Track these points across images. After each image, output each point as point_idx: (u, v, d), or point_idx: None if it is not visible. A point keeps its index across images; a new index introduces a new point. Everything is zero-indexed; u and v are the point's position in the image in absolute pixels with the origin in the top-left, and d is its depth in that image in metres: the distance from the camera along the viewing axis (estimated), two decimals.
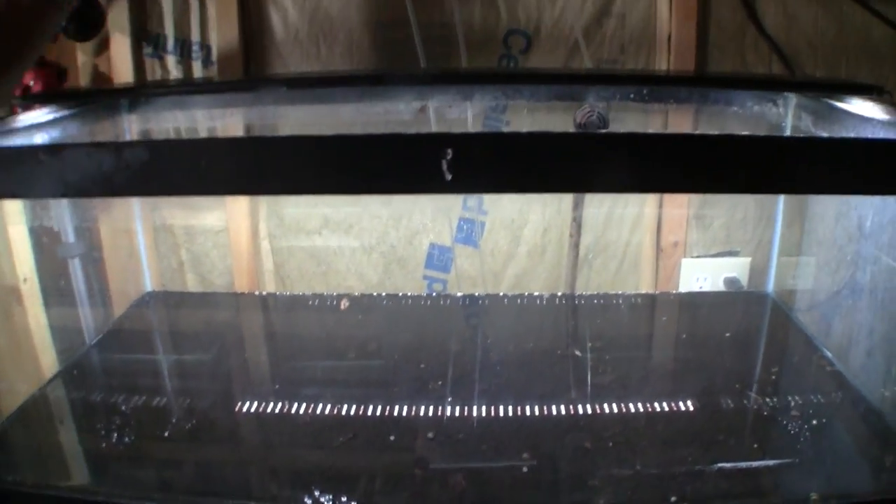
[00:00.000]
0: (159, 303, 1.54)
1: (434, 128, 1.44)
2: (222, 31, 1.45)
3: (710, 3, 1.49)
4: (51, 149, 0.76)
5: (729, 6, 1.50)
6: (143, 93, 1.33)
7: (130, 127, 1.29)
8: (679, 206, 1.51)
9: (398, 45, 1.46)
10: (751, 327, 1.45)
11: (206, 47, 1.48)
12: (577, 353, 1.34)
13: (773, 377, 1.30)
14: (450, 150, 0.74)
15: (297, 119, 1.34)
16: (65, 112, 1.12)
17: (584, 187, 1.12)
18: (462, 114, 1.28)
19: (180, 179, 0.77)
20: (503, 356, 1.34)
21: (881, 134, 1.18)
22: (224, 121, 1.35)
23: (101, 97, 1.30)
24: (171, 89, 1.38)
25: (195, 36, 1.47)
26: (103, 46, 1.47)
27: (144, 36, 1.47)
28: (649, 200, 1.52)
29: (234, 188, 0.90)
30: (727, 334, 1.40)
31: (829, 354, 1.34)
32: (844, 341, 1.35)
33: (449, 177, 0.75)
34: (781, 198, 1.51)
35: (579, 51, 1.46)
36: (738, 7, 1.50)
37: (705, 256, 1.54)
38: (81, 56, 1.47)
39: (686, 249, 1.54)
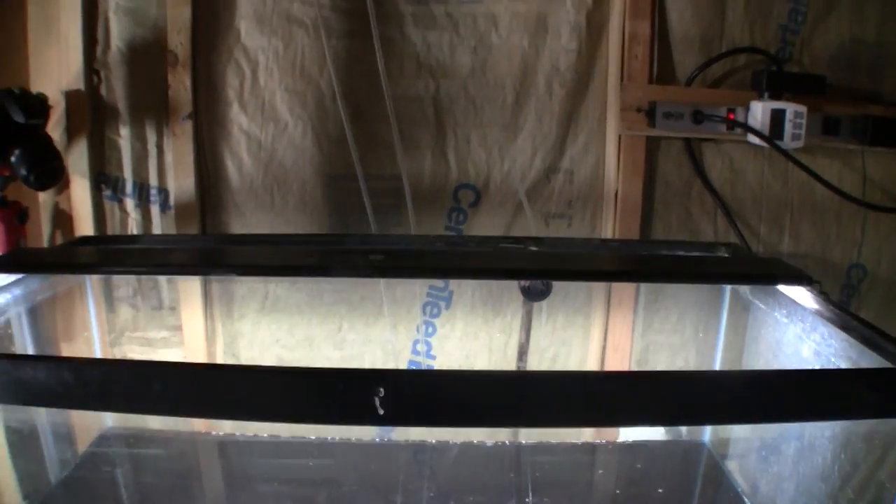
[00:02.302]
0: (119, 441, 1.53)
1: (385, 304, 1.46)
2: (179, 178, 1.44)
3: (658, 160, 1.48)
4: None
5: (676, 162, 1.49)
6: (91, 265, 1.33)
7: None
8: (622, 351, 1.52)
9: (350, 196, 1.44)
10: (684, 482, 1.46)
11: (163, 192, 1.47)
12: None
13: None
14: (382, 389, 0.75)
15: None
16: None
17: (522, 422, 1.10)
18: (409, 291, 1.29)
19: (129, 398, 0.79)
20: None
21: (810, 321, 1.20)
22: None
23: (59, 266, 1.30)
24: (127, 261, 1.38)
25: (153, 181, 1.46)
26: (64, 185, 1.47)
27: (104, 179, 1.46)
28: (593, 346, 1.52)
29: (183, 411, 0.91)
30: (660, 490, 1.41)
31: None
32: (768, 501, 1.36)
33: (381, 412, 0.76)
34: (720, 347, 1.51)
35: (529, 203, 1.46)
36: (686, 163, 1.49)
37: None
38: (42, 195, 1.47)
39: None
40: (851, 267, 1.57)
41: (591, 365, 1.52)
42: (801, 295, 1.23)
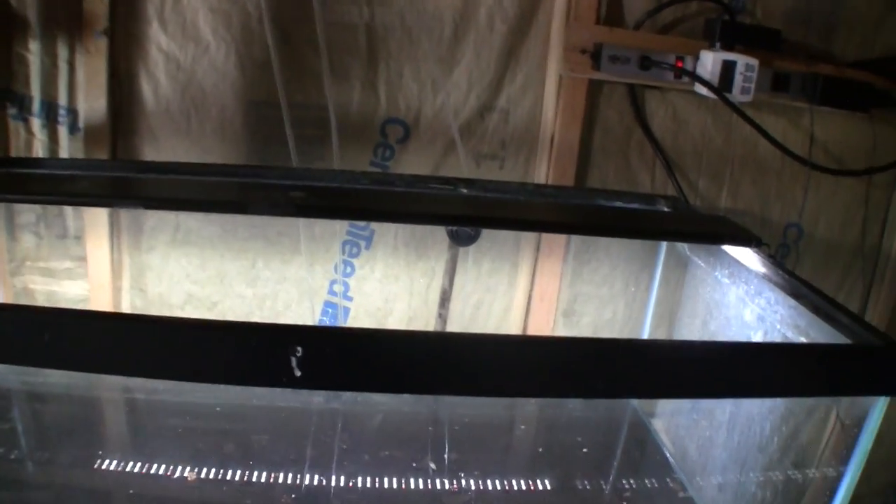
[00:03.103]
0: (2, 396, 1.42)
1: (302, 241, 1.37)
2: (90, 98, 1.32)
3: (598, 105, 1.40)
4: None
5: (617, 108, 1.40)
6: None
7: None
8: (548, 301, 1.44)
9: (272, 125, 1.33)
10: (609, 441, 1.39)
11: (73, 112, 1.35)
12: (432, 465, 1.28)
13: (624, 502, 1.25)
14: (299, 348, 0.68)
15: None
16: None
17: (445, 389, 1.00)
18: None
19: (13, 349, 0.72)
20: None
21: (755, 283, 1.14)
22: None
23: None
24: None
25: (62, 100, 1.34)
26: None
27: (9, 96, 1.33)
28: (518, 294, 1.44)
29: (75, 365, 0.78)
30: (584, 450, 1.35)
31: (682, 477, 1.29)
32: (698, 468, 1.30)
33: (298, 373, 0.68)
34: (652, 302, 1.45)
35: (461, 142, 1.37)
36: (627, 110, 1.41)
37: None
38: None
39: None
40: (788, 226, 1.51)
41: (516, 314, 1.45)
42: (746, 256, 1.17)
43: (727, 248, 1.21)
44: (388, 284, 1.41)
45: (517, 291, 1.43)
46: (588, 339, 1.08)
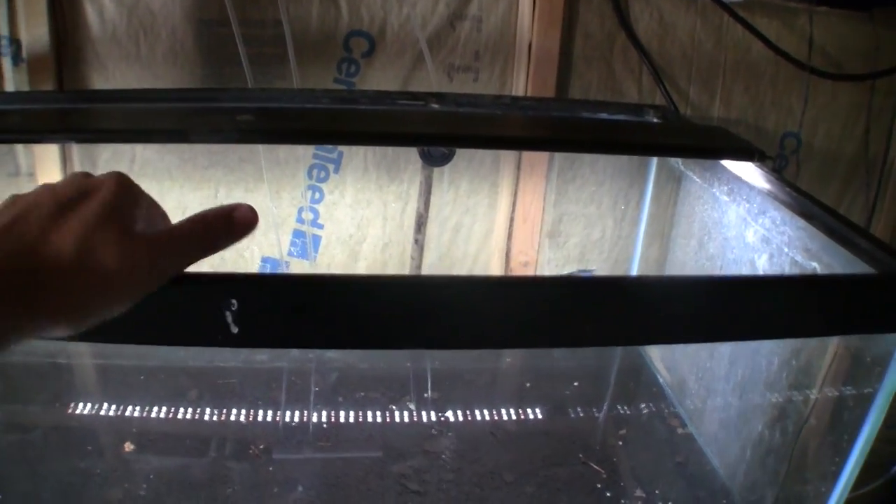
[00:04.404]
0: None
1: (265, 168, 1.25)
2: (31, 26, 1.20)
3: (578, 9, 1.26)
4: None
5: (598, 12, 1.27)
6: None
7: None
8: (531, 222, 1.33)
9: (225, 45, 1.21)
10: (600, 371, 1.29)
11: (15, 42, 1.22)
12: (411, 406, 1.19)
13: (619, 441, 1.16)
14: (234, 301, 0.57)
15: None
16: None
17: (421, 343, 0.84)
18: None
19: None
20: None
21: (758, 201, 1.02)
22: None
23: None
24: None
25: (3, 30, 1.21)
26: None
27: None
28: (500, 216, 1.32)
29: None
30: (575, 383, 1.24)
31: (681, 412, 1.19)
32: (697, 401, 1.20)
33: (235, 329, 0.58)
34: (643, 221, 1.33)
35: (430, 54, 1.25)
36: (609, 13, 1.27)
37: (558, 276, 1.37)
38: None
39: (537, 268, 1.36)
40: (785, 136, 1.38)
41: (498, 236, 1.33)
42: (746, 170, 1.04)
43: (726, 161, 1.09)
44: (360, 209, 1.29)
45: (498, 213, 1.31)
46: (576, 280, 0.95)
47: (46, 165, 1.25)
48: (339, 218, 1.29)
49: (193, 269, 0.55)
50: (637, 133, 1.16)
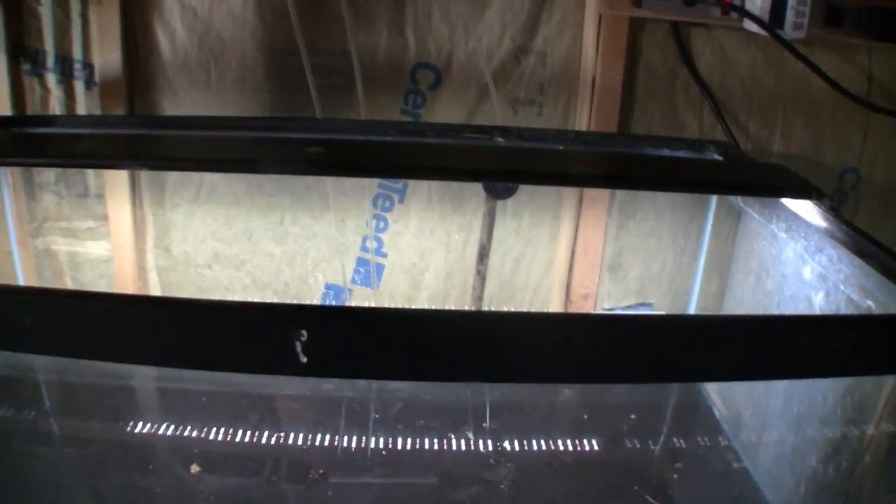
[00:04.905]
0: None
1: (331, 195, 1.26)
2: (105, 51, 1.22)
3: (641, 44, 1.27)
4: None
5: (660, 47, 1.27)
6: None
7: None
8: (592, 255, 1.33)
9: (295, 74, 1.22)
10: (657, 404, 1.29)
11: (88, 66, 1.24)
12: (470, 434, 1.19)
13: (675, 475, 1.15)
14: (304, 332, 0.58)
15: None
16: None
17: (485, 376, 0.84)
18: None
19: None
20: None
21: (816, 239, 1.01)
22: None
23: None
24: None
25: (77, 54, 1.23)
26: None
27: (22, 52, 1.23)
28: (561, 248, 1.33)
29: (64, 349, 0.68)
30: (632, 416, 1.24)
31: (736, 445, 1.18)
32: (753, 435, 1.19)
33: (304, 359, 0.59)
34: (703, 256, 1.33)
35: (495, 87, 1.25)
36: (671, 48, 1.27)
37: (617, 309, 1.37)
38: None
39: (597, 301, 1.36)
40: (845, 171, 1.37)
41: (559, 269, 1.33)
42: (805, 208, 1.04)
43: (785, 199, 1.09)
44: (423, 239, 1.30)
45: (559, 245, 1.31)
46: (635, 318, 0.96)
47: (116, 188, 1.27)
48: (403, 247, 1.30)
49: (264, 299, 0.57)
50: (698, 171, 1.16)
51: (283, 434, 1.18)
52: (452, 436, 1.19)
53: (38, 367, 1.28)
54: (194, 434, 1.16)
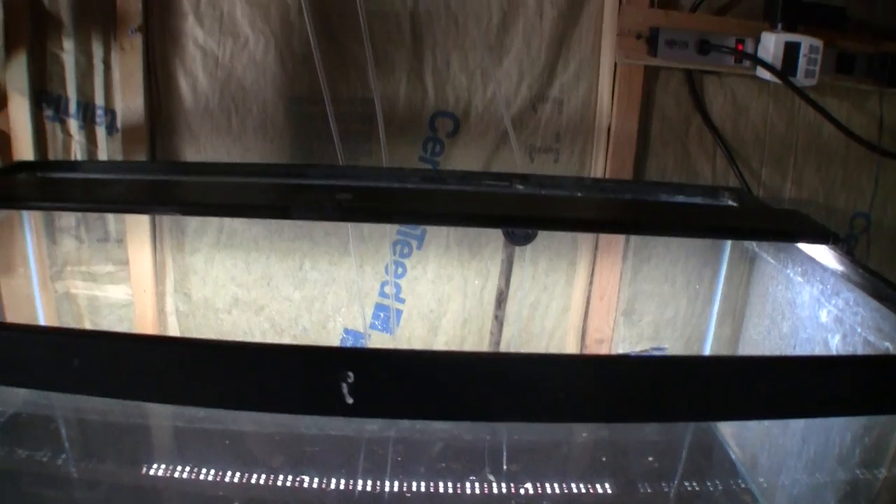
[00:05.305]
0: (38, 421, 1.31)
1: (351, 241, 1.27)
2: (127, 97, 1.22)
3: (655, 92, 1.28)
4: None
5: (674, 95, 1.29)
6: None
7: None
8: (608, 300, 1.34)
9: (316, 121, 1.23)
10: (671, 446, 1.29)
11: (110, 112, 1.25)
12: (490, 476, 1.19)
13: None
14: (350, 374, 0.59)
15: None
16: None
17: (514, 416, 0.88)
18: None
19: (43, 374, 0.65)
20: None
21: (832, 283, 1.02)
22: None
23: None
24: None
25: (99, 100, 1.24)
26: (1, 104, 1.26)
27: (45, 97, 1.24)
28: (576, 294, 1.33)
29: (112, 391, 0.70)
30: (649, 458, 1.24)
31: (753, 488, 1.18)
32: (770, 477, 1.19)
33: (350, 400, 0.60)
34: (717, 300, 1.33)
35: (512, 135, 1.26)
36: (685, 96, 1.29)
37: (632, 353, 1.37)
38: None
39: (612, 345, 1.36)
40: (855, 215, 1.39)
41: (575, 314, 1.34)
42: (820, 252, 1.05)
43: (801, 244, 1.10)
44: (441, 285, 1.31)
45: (575, 290, 1.32)
46: (651, 359, 0.98)
47: (136, 232, 1.27)
48: (421, 293, 1.31)
49: (308, 341, 0.58)
50: (713, 217, 1.17)
51: (302, 477, 1.17)
52: (473, 478, 1.19)
53: (57, 406, 1.28)
54: (216, 478, 1.16)
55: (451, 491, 1.16)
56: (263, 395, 0.63)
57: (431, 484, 1.17)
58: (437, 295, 1.31)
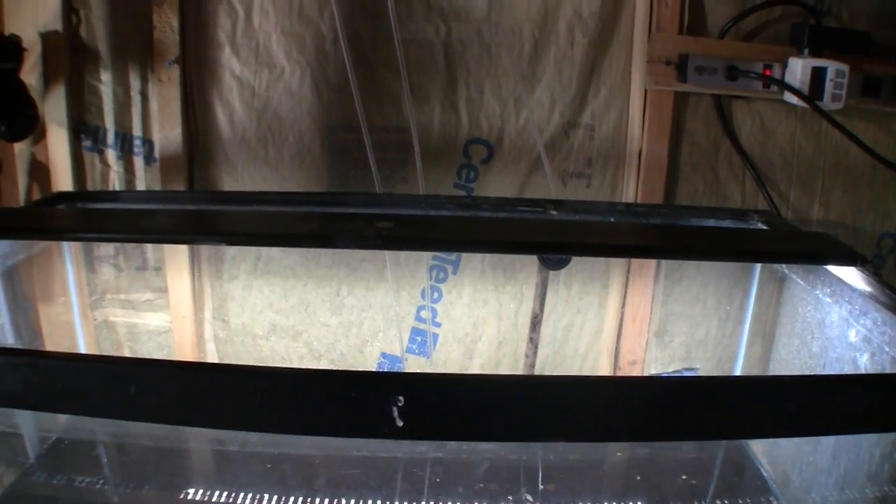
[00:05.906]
0: (80, 447, 1.31)
1: (387, 267, 1.28)
2: (164, 128, 1.24)
3: (685, 117, 1.29)
4: None
5: (704, 120, 1.30)
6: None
7: None
8: (640, 322, 1.34)
9: (352, 149, 1.25)
10: (704, 464, 1.29)
11: (148, 143, 1.27)
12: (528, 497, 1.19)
13: None
14: (401, 398, 0.60)
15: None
16: None
17: (560, 436, 0.88)
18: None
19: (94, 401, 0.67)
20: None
21: (860, 303, 1.03)
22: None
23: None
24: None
25: (136, 131, 1.26)
26: (40, 135, 1.27)
27: (83, 129, 1.26)
28: (609, 316, 1.34)
29: (165, 417, 0.71)
30: (683, 476, 1.25)
31: None
32: (801, 494, 1.20)
33: (400, 423, 0.61)
34: (747, 321, 1.34)
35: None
36: (714, 121, 1.30)
37: (664, 374, 1.38)
38: (17, 146, 1.26)
39: (644, 367, 1.37)
40: (882, 236, 1.39)
41: (608, 336, 1.35)
42: (848, 274, 1.06)
43: (830, 266, 1.10)
44: (476, 309, 1.31)
45: (608, 313, 1.33)
46: (683, 380, 0.99)
47: (175, 260, 1.28)
48: (456, 317, 1.32)
49: (345, 366, 0.59)
50: (743, 240, 1.17)
51: (341, 499, 1.18)
52: (511, 498, 1.20)
53: (98, 431, 1.29)
54: (257, 501, 1.17)
55: None
56: (319, 419, 0.64)
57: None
58: (473, 319, 1.32)
